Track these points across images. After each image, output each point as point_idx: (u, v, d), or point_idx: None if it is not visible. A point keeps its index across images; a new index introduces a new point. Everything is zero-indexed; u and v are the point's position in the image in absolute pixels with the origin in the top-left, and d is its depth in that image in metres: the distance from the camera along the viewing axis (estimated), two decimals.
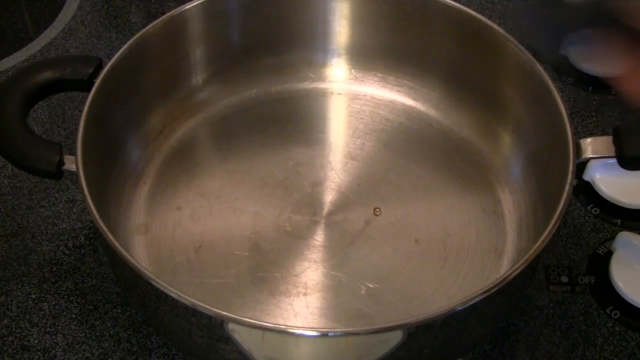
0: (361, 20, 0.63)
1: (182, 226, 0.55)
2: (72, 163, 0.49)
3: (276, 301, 0.51)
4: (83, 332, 0.52)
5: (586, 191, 0.60)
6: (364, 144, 0.60)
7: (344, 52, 0.64)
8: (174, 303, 0.41)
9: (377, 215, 0.55)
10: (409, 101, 0.63)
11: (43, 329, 0.52)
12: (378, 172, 0.58)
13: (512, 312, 0.52)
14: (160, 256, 0.53)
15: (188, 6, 0.58)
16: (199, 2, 0.58)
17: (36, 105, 0.54)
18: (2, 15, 0.75)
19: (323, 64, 0.65)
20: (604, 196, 0.59)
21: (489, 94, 0.59)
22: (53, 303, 0.53)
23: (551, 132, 0.50)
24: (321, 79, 0.65)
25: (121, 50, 0.54)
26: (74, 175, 0.48)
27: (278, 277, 0.52)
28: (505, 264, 0.53)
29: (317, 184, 0.57)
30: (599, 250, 0.56)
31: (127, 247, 0.52)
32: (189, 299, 0.40)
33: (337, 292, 0.51)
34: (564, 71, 0.69)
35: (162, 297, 0.42)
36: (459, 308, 0.41)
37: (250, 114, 0.62)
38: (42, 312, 0.53)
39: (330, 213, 0.55)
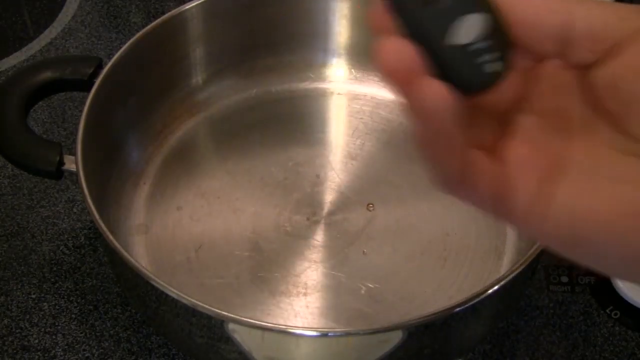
0: (361, 20, 0.63)
1: (182, 226, 0.55)
2: (72, 163, 0.49)
3: (276, 301, 0.51)
4: (83, 332, 0.52)
5: None
6: (364, 144, 0.60)
7: (344, 52, 0.64)
8: (174, 303, 0.41)
9: (370, 210, 0.55)
10: None
11: (43, 329, 0.52)
12: (378, 172, 0.58)
13: (512, 312, 0.52)
14: (160, 256, 0.53)
15: (188, 6, 0.58)
16: (199, 2, 0.58)
17: (36, 105, 0.54)
18: (2, 15, 0.75)
19: (323, 64, 0.65)
20: None
21: None
22: (53, 303, 0.53)
23: None
24: (321, 79, 0.65)
25: (121, 50, 0.54)
26: (74, 175, 0.48)
27: (278, 277, 0.52)
28: (505, 264, 0.53)
29: (317, 184, 0.57)
30: None
31: (127, 247, 0.52)
32: (189, 299, 0.40)
33: (337, 292, 0.51)
34: None
35: (162, 297, 0.42)
36: (459, 308, 0.41)
37: (250, 114, 0.62)
38: (42, 312, 0.53)
39: (330, 213, 0.55)
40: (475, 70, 0.27)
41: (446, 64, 0.26)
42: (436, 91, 0.25)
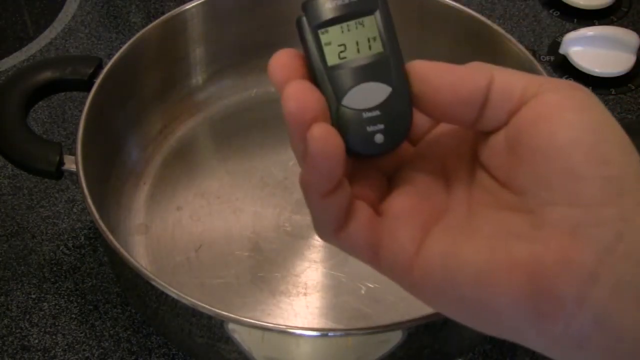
0: None
1: (182, 226, 0.55)
2: (72, 163, 0.49)
3: (276, 301, 0.51)
4: (83, 332, 0.52)
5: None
6: None
7: None
8: (174, 303, 0.41)
9: None
10: None
11: (43, 329, 0.52)
12: None
13: None
14: (160, 256, 0.53)
15: (188, 6, 0.58)
16: (199, 2, 0.58)
17: (36, 105, 0.54)
18: (2, 15, 0.75)
19: None
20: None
21: None
22: (53, 303, 0.53)
23: None
24: None
25: (121, 50, 0.54)
26: (74, 175, 0.48)
27: (278, 277, 0.52)
28: None
29: None
30: None
31: (127, 247, 0.52)
32: (189, 299, 0.40)
33: (337, 292, 0.51)
34: (564, 71, 0.69)
35: (162, 297, 0.42)
36: None
37: (250, 114, 0.62)
38: (42, 312, 0.53)
39: None
40: (363, 137, 0.27)
41: (339, 124, 0.27)
42: (328, 136, 0.26)
